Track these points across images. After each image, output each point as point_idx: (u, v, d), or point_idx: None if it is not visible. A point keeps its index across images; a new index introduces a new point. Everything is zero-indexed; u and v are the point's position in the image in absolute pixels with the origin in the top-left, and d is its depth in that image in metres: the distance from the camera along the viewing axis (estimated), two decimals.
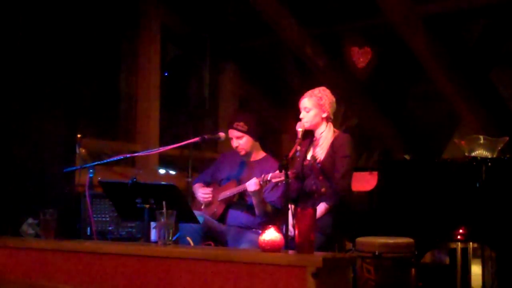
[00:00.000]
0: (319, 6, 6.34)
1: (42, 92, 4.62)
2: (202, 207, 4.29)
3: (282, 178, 3.69)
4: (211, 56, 6.72)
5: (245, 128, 4.15)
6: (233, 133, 4.19)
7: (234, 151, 4.35)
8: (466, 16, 5.97)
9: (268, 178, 3.82)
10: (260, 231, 3.91)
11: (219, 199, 4.21)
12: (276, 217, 4.00)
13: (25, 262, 3.51)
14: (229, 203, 4.18)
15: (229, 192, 4.15)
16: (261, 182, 3.87)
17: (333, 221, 3.82)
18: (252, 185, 3.91)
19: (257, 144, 4.27)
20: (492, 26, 6.03)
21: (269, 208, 4.04)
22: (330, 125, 3.99)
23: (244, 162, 4.29)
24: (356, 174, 4.03)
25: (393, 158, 7.09)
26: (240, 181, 4.17)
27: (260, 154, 4.30)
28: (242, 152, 4.20)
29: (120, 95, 6.58)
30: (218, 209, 4.18)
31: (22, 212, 4.07)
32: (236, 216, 4.14)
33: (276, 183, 3.82)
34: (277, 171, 3.78)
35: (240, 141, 4.17)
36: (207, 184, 4.41)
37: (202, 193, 4.29)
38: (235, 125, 4.17)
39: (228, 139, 4.28)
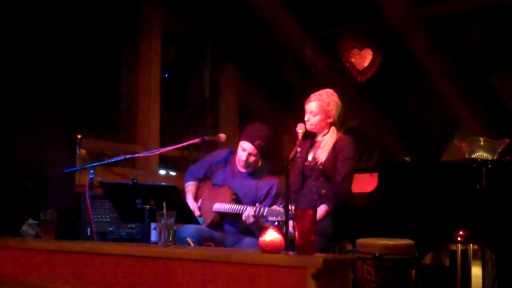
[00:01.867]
0: (319, 7, 6.34)
1: (42, 93, 4.62)
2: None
3: (279, 218, 3.58)
4: (212, 58, 6.73)
5: (263, 149, 4.02)
6: (249, 147, 4.03)
7: (229, 154, 4.30)
8: (466, 18, 5.97)
9: (265, 214, 3.72)
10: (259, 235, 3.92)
11: (213, 209, 4.10)
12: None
13: (25, 262, 3.51)
14: (224, 214, 4.11)
15: (223, 208, 4.04)
16: (257, 214, 3.78)
17: (334, 222, 3.81)
18: (249, 218, 3.82)
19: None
20: (493, 28, 6.03)
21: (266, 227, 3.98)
22: (334, 128, 3.96)
23: (241, 174, 4.17)
24: (356, 175, 4.02)
25: (393, 160, 7.10)
26: (234, 192, 4.08)
27: (258, 163, 4.19)
28: (244, 167, 4.10)
29: (121, 96, 6.59)
30: (214, 218, 4.10)
31: (22, 212, 4.06)
32: (233, 224, 4.09)
33: (278, 222, 3.62)
34: (274, 206, 3.68)
35: (252, 158, 4.05)
36: (199, 180, 4.34)
37: (192, 208, 4.12)
38: (256, 143, 4.00)
39: (228, 141, 4.26)
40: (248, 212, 3.82)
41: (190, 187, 4.30)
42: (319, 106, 3.90)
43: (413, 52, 6.03)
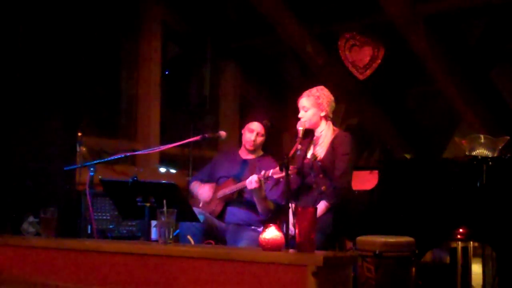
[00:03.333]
0: (320, 4, 6.34)
1: (43, 91, 4.63)
2: (200, 205, 4.29)
3: (283, 174, 3.71)
4: (212, 55, 6.72)
5: (269, 128, 4.28)
6: (257, 127, 4.25)
7: (232, 149, 4.39)
8: (467, 15, 5.97)
9: (270, 174, 3.82)
10: (259, 229, 3.95)
11: (218, 197, 4.21)
12: (278, 214, 4.01)
13: (25, 260, 3.51)
14: (228, 201, 4.19)
15: (228, 190, 4.16)
16: (262, 179, 3.88)
17: (334, 220, 3.82)
18: (252, 183, 3.91)
19: None
20: (493, 25, 6.03)
21: (271, 205, 4.05)
22: (330, 123, 3.99)
23: (243, 160, 4.30)
24: (356, 173, 4.03)
25: (394, 157, 7.09)
26: (239, 180, 4.17)
27: (259, 152, 4.35)
28: (252, 148, 4.26)
29: (121, 94, 6.59)
30: (217, 206, 4.19)
31: (23, 210, 4.07)
32: (235, 213, 4.16)
33: (278, 180, 3.83)
34: (278, 168, 3.79)
35: (260, 138, 4.26)
36: (204, 183, 4.41)
37: (201, 191, 4.30)
38: (265, 122, 4.26)
39: (228, 138, 4.30)
40: (252, 177, 3.92)
41: (196, 186, 4.38)
42: (309, 100, 3.96)
43: (413, 49, 6.02)
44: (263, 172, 3.88)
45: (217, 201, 4.20)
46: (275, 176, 3.80)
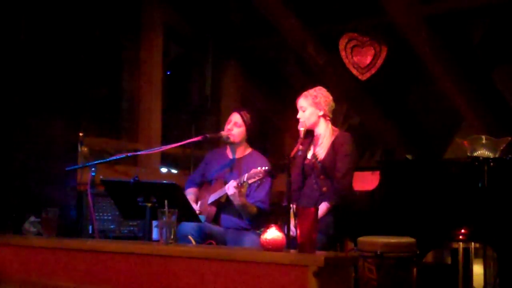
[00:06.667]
0: (321, 5, 6.34)
1: (44, 91, 4.63)
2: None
3: (257, 178, 3.69)
4: (213, 55, 6.73)
5: (248, 120, 4.18)
6: (235, 117, 4.19)
7: (221, 149, 4.36)
8: (469, 15, 5.97)
9: (245, 180, 3.77)
10: (259, 232, 3.92)
11: (208, 202, 4.15)
12: (263, 219, 3.96)
13: (26, 260, 3.52)
14: (220, 205, 4.14)
15: (215, 194, 4.10)
16: (239, 184, 3.82)
17: (335, 220, 3.81)
18: (230, 188, 3.86)
19: (245, 140, 4.27)
20: (495, 26, 6.02)
21: (253, 209, 3.98)
22: (329, 123, 3.98)
23: (231, 160, 4.26)
24: (358, 173, 4.02)
25: (395, 158, 7.09)
26: (227, 180, 4.14)
27: (246, 150, 4.26)
28: (231, 139, 4.18)
29: (123, 94, 6.59)
30: (210, 212, 4.14)
31: (24, 210, 4.07)
32: (228, 218, 4.09)
33: (257, 181, 3.75)
34: (252, 170, 3.75)
35: (237, 128, 4.17)
36: (199, 185, 4.38)
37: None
38: (242, 112, 4.20)
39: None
40: (230, 183, 3.87)
41: (189, 195, 4.32)
42: (307, 100, 3.96)
43: (415, 50, 6.02)
44: (240, 177, 3.82)
45: (209, 207, 4.16)
46: (249, 181, 3.74)
